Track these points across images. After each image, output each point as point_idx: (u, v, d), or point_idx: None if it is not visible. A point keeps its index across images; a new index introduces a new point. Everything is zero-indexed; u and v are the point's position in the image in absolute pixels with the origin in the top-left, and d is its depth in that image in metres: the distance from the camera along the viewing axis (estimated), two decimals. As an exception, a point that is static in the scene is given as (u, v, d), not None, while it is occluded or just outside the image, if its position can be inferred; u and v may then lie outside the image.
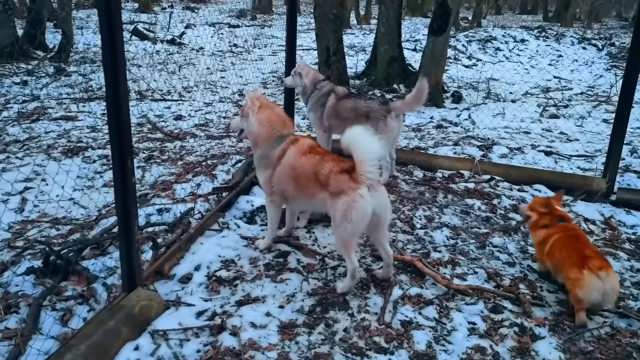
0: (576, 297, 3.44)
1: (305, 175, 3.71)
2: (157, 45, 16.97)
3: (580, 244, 3.70)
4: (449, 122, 8.85)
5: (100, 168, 6.09)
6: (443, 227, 4.86)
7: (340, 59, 10.41)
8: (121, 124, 3.05)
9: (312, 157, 3.70)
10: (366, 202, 3.43)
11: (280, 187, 3.93)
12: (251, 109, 3.97)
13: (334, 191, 3.55)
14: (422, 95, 5.44)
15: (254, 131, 3.97)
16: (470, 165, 6.20)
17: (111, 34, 2.89)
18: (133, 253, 3.27)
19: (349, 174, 3.48)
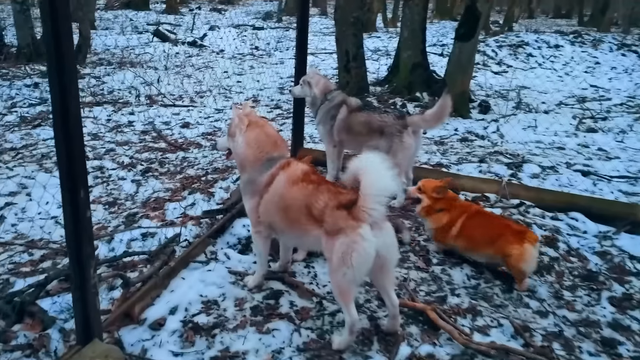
0: (521, 270, 3.81)
1: (296, 207, 3.15)
2: (177, 47, 16.67)
3: (498, 220, 4.18)
4: (475, 135, 8.17)
5: (92, 181, 5.63)
6: (463, 263, 4.23)
7: (360, 64, 9.83)
8: (71, 145, 2.53)
9: (304, 187, 3.13)
10: (368, 243, 2.86)
11: (267, 218, 3.38)
12: (238, 127, 3.43)
13: (330, 229, 2.98)
14: (444, 113, 4.85)
15: (241, 153, 3.44)
16: (497, 187, 5.54)
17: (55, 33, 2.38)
18: (89, 300, 2.75)
19: (349, 210, 2.91)
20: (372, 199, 2.82)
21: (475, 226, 4.06)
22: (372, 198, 2.83)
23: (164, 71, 12.00)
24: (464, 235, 4.10)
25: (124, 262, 3.90)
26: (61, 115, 2.48)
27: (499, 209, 5.24)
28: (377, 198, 2.83)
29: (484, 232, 3.99)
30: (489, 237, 3.94)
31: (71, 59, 2.47)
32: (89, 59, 13.19)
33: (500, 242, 3.85)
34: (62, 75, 2.44)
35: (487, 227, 4.02)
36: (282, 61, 14.98)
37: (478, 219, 4.12)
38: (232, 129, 3.46)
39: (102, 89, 10.24)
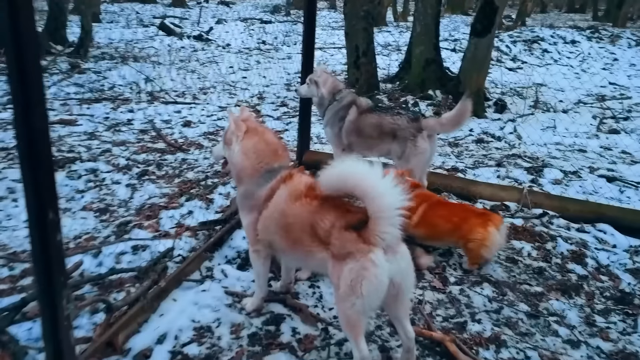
0: (481, 255, 3.85)
1: (298, 226, 2.78)
2: (182, 41, 16.32)
3: (461, 207, 4.29)
4: (491, 136, 7.76)
5: (84, 185, 5.29)
6: (484, 282, 3.85)
7: (370, 60, 9.42)
8: (37, 157, 2.18)
9: (308, 203, 2.76)
10: (381, 270, 2.49)
11: (266, 236, 3.02)
12: (234, 134, 3.05)
13: (337, 253, 2.61)
14: (462, 118, 4.47)
15: (237, 163, 3.06)
16: (518, 195, 5.15)
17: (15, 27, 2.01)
18: (61, 335, 2.40)
19: (358, 231, 2.54)
20: (385, 221, 2.45)
21: (437, 215, 4.01)
22: (385, 221, 2.45)
23: (167, 66, 11.63)
24: (425, 224, 4.02)
25: (110, 280, 3.54)
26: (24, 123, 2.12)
27: (519, 219, 4.86)
28: (390, 220, 2.46)
29: (446, 219, 3.97)
30: (452, 224, 3.93)
31: (34, 56, 2.10)
32: (91, 53, 12.86)
33: (463, 229, 3.87)
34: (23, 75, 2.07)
35: (449, 214, 4.00)
36: (290, 56, 14.59)
37: (439, 208, 4.09)
38: (228, 136, 3.09)
39: (102, 84, 9.90)
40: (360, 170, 2.52)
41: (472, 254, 3.89)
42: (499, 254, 4.27)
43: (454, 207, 4.21)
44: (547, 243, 4.48)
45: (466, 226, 3.88)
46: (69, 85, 9.50)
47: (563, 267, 4.15)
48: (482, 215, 3.97)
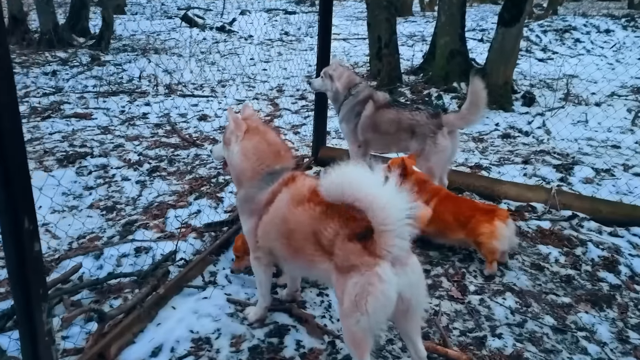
0: (492, 249, 3.69)
1: (300, 233, 2.56)
2: (204, 33, 16.20)
3: (468, 202, 4.15)
4: (518, 131, 7.39)
5: (93, 182, 5.16)
6: (506, 291, 3.58)
7: (392, 51, 9.11)
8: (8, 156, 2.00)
9: (311, 209, 2.52)
10: (387, 285, 2.25)
11: (266, 243, 2.80)
12: (234, 133, 2.84)
13: (341, 265, 2.38)
14: (479, 102, 4.16)
15: (236, 165, 2.85)
16: (546, 195, 4.83)
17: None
18: (40, 349, 2.23)
19: (364, 242, 2.30)
20: (392, 234, 2.21)
21: (447, 210, 3.88)
22: (391, 234, 2.21)
23: (187, 58, 11.50)
24: (436, 220, 3.69)
25: (109, 285, 3.38)
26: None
27: (547, 221, 4.55)
28: (397, 231, 2.22)
29: (455, 216, 3.87)
30: (460, 220, 3.84)
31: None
32: (112, 45, 12.81)
33: (472, 224, 3.77)
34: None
35: (457, 210, 3.90)
36: (312, 47, 14.29)
37: (448, 203, 3.96)
38: (227, 136, 2.88)
39: (121, 77, 9.81)
40: (358, 180, 2.27)
41: (484, 248, 3.73)
42: (523, 260, 3.99)
43: (461, 203, 4.04)
44: (577, 248, 4.17)
45: (473, 222, 3.77)
46: (88, 78, 9.43)
47: (593, 275, 3.84)
48: (489, 211, 3.83)
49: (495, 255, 3.72)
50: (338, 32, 17.62)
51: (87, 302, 3.23)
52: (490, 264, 3.74)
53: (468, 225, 3.79)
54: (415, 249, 4.03)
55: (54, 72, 9.78)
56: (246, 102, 3.37)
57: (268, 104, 8.48)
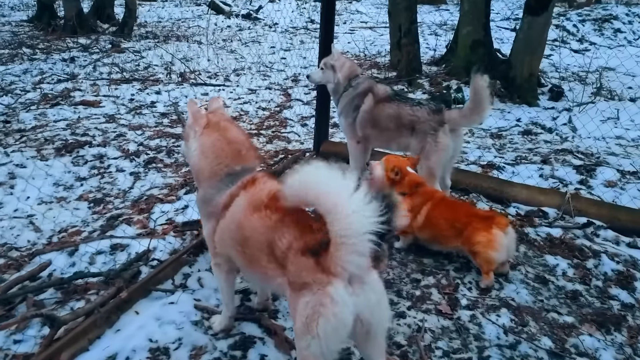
0: (488, 259, 3.40)
1: (255, 242, 2.32)
2: (230, 20, 16.06)
3: (465, 207, 3.82)
4: (541, 127, 6.94)
5: (87, 172, 5.05)
6: (502, 307, 3.27)
7: (412, 41, 8.73)
8: None
9: (268, 216, 2.28)
10: (341, 307, 2.00)
11: (223, 249, 2.58)
12: (192, 128, 2.60)
13: (293, 281, 2.14)
14: (482, 100, 3.82)
15: (194, 163, 2.63)
16: (559, 200, 4.45)
17: None
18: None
19: (317, 257, 2.05)
20: (349, 248, 1.95)
21: (441, 216, 3.62)
22: (348, 247, 1.95)
23: (207, 46, 11.35)
24: (430, 225, 3.67)
25: (75, 285, 3.23)
26: None
27: (558, 228, 4.19)
28: (356, 245, 1.95)
29: (450, 222, 3.58)
30: (456, 227, 3.55)
31: None
32: (136, 32, 12.79)
33: (467, 231, 3.48)
34: None
35: (452, 216, 3.60)
36: (336, 36, 13.95)
37: (443, 208, 3.67)
38: (186, 131, 2.65)
39: (138, 64, 9.73)
40: (323, 180, 2.01)
41: (480, 259, 3.43)
42: (526, 271, 3.66)
43: (457, 208, 3.72)
44: (588, 260, 3.81)
45: (469, 230, 3.48)
46: (104, 65, 9.37)
47: (604, 292, 3.49)
48: (486, 218, 3.51)
49: (491, 266, 3.42)
50: (365, 20, 17.24)
51: (52, 303, 3.10)
52: (487, 275, 3.44)
53: (464, 232, 3.49)
54: (409, 255, 3.79)
55: (72, 59, 9.77)
56: (214, 94, 3.13)
57: (280, 93, 8.24)
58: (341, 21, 16.82)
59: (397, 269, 3.63)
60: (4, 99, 7.19)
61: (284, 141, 6.19)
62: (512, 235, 3.50)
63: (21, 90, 7.63)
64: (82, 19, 12.20)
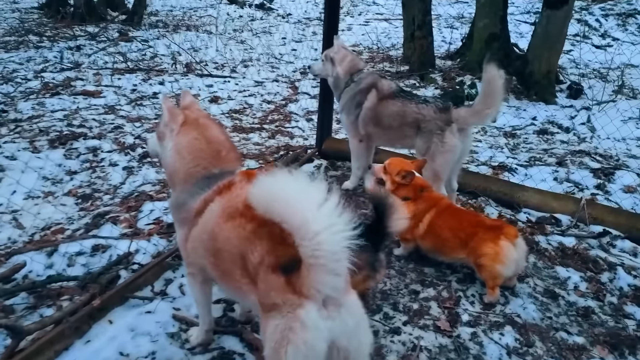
0: (494, 273, 3.12)
1: (228, 254, 2.09)
2: (242, 10, 15.82)
3: (471, 215, 3.53)
4: (558, 127, 6.61)
5: (79, 166, 4.86)
6: (507, 324, 3.01)
7: (425, 33, 8.40)
8: None
9: (242, 225, 2.03)
10: (313, 333, 1.77)
11: (195, 259, 2.35)
12: (168, 126, 2.37)
13: (262, 301, 1.91)
14: (495, 94, 3.53)
15: (169, 164, 2.39)
16: (574, 206, 4.16)
17: None
18: None
19: (288, 275, 1.82)
20: (322, 269, 1.71)
21: (445, 224, 3.34)
22: (321, 269, 1.71)
23: (217, 36, 11.13)
24: (432, 235, 3.39)
25: (48, 289, 3.03)
26: None
27: (571, 237, 3.91)
28: (329, 266, 1.71)
29: (455, 231, 3.30)
30: (461, 237, 3.27)
31: None
32: (146, 21, 12.60)
33: (473, 242, 3.19)
34: None
35: (458, 225, 3.32)
36: (350, 27, 13.67)
37: (448, 216, 3.39)
38: (160, 129, 2.42)
39: (144, 53, 9.54)
40: (288, 194, 1.76)
41: (486, 272, 3.16)
42: (535, 284, 3.39)
43: (463, 217, 3.44)
44: (603, 273, 3.54)
45: (475, 241, 3.20)
46: (110, 54, 9.19)
47: (619, 309, 3.21)
48: (494, 228, 3.22)
49: (497, 281, 3.17)
50: (382, 12, 16.88)
51: (22, 308, 2.91)
52: (492, 290, 3.18)
53: (469, 243, 3.22)
54: (409, 263, 3.54)
55: (78, 47, 9.60)
56: (185, 88, 2.89)
57: (288, 86, 7.99)
58: (356, 12, 16.49)
59: (395, 279, 3.38)
60: (4, 87, 7.04)
61: (287, 136, 5.95)
62: (522, 247, 3.20)
63: (22, 78, 7.47)
64: (91, 7, 12.04)
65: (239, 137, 5.86)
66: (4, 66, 8.04)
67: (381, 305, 3.10)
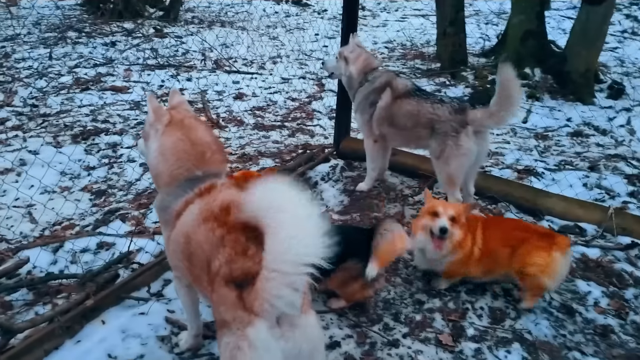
0: (540, 285, 2.95)
1: (198, 259, 2.01)
2: (278, 6, 15.81)
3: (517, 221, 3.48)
4: (594, 129, 6.26)
5: (97, 162, 4.91)
6: (514, 341, 2.84)
7: (457, 30, 8.13)
8: None
9: (213, 229, 1.95)
10: (261, 354, 1.67)
11: (174, 262, 2.29)
12: (154, 126, 2.30)
13: (214, 316, 1.85)
14: (511, 96, 3.36)
15: (153, 165, 2.32)
16: (601, 215, 3.91)
17: None
18: None
19: (241, 290, 1.72)
20: (278, 281, 1.61)
21: (495, 236, 3.08)
22: (277, 281, 1.61)
23: (249, 32, 11.13)
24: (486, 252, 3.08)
25: (48, 286, 3.05)
26: None
27: (596, 248, 3.67)
28: (289, 277, 1.61)
29: (506, 240, 3.04)
30: (512, 244, 3.01)
31: None
32: (182, 17, 12.74)
33: (523, 249, 2.96)
34: None
35: (507, 233, 3.07)
36: (386, 23, 13.45)
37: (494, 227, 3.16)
38: (146, 129, 2.35)
39: (176, 49, 9.62)
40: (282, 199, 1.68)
41: (530, 282, 2.96)
42: (551, 298, 3.19)
43: (509, 224, 3.26)
44: (628, 289, 3.30)
45: (524, 248, 2.96)
46: (142, 50, 9.31)
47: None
48: (546, 236, 3.01)
49: (541, 292, 3.04)
50: (420, 7, 16.55)
51: (19, 305, 2.93)
52: (531, 300, 3.05)
53: (518, 250, 2.98)
54: (417, 271, 3.39)
55: (113, 43, 9.77)
56: (174, 87, 2.82)
57: (314, 83, 7.89)
58: (394, 8, 16.23)
59: (401, 287, 3.25)
60: (39, 82, 7.21)
61: (308, 135, 5.86)
62: (570, 259, 3.07)
63: (56, 73, 7.64)
64: (129, 3, 12.24)
65: (259, 134, 5.80)
66: (40, 62, 8.25)
67: (382, 315, 2.98)
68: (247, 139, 5.65)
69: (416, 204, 4.24)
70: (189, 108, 2.49)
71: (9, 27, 10.54)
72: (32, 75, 7.46)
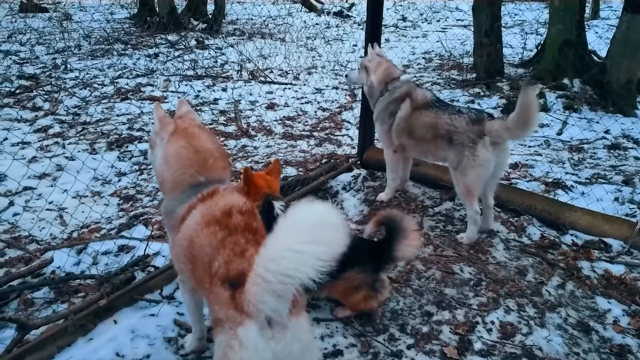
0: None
1: (201, 262, 2.06)
2: (320, 18, 16.01)
3: None
4: (634, 141, 6.03)
5: (129, 168, 5.10)
6: (524, 356, 2.76)
7: (494, 41, 8.01)
8: None
9: (214, 232, 2.00)
10: (251, 354, 1.70)
11: (178, 266, 2.36)
12: (159, 135, 2.39)
13: (211, 315, 1.91)
14: (529, 115, 3.30)
15: (158, 173, 2.41)
16: (628, 230, 3.76)
17: None
18: None
19: (234, 290, 1.77)
20: (262, 286, 1.64)
21: None
22: (265, 285, 1.64)
23: (288, 43, 11.31)
24: None
25: (68, 285, 3.19)
26: None
27: (621, 265, 3.53)
28: (273, 285, 1.63)
29: None
30: None
31: None
32: (225, 29, 13.09)
33: None
34: None
35: None
36: (425, 34, 13.38)
37: None
38: (152, 138, 2.45)
39: (216, 61, 9.89)
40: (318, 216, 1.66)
41: None
42: (567, 314, 3.09)
43: None
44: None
45: None
46: (182, 62, 9.62)
47: (663, 352, 2.84)
48: None
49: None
50: (462, 18, 16.38)
51: (41, 303, 3.08)
52: None
53: None
54: (430, 283, 3.35)
55: (156, 55, 10.14)
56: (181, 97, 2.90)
57: (347, 94, 7.94)
58: (435, 19, 16.13)
59: (410, 298, 3.22)
60: (83, 92, 7.56)
61: (335, 145, 5.90)
62: None
63: (99, 84, 7.99)
64: (174, 16, 12.68)
65: (287, 144, 5.89)
66: (86, 72, 8.65)
67: (388, 326, 2.96)
68: (275, 147, 5.74)
69: (436, 215, 4.20)
70: (195, 117, 2.57)
71: (61, 40, 11.12)
72: (77, 85, 7.82)
